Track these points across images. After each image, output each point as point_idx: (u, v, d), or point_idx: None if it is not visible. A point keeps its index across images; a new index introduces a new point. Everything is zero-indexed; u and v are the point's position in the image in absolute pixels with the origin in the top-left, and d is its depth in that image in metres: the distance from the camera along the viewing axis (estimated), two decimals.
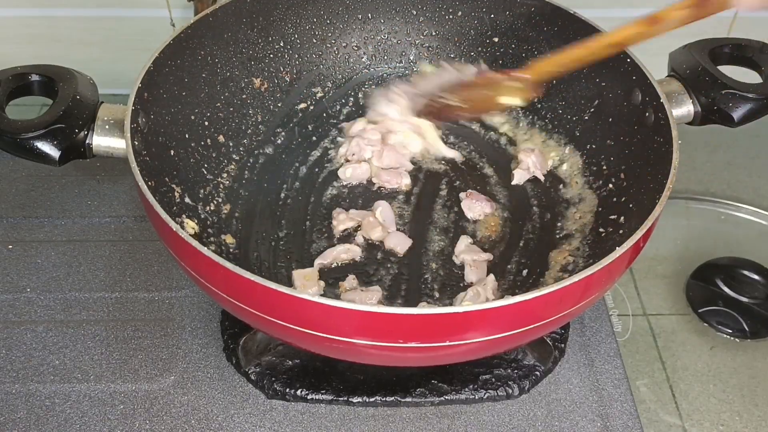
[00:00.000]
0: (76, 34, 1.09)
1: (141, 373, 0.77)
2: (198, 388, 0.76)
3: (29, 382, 0.76)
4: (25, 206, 0.94)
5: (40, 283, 0.86)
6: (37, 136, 0.66)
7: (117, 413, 0.74)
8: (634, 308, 0.91)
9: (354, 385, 0.75)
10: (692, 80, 0.76)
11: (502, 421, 0.75)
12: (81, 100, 0.69)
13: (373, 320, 0.56)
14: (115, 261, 0.88)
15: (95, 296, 0.84)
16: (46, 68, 0.71)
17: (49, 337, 0.80)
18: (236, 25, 0.85)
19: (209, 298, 0.67)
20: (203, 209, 0.79)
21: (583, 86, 0.85)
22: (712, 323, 0.89)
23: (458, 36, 0.93)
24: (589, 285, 0.60)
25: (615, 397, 0.77)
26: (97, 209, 0.94)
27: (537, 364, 0.77)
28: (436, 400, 0.75)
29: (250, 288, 0.57)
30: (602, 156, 0.83)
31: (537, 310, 0.59)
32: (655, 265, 0.96)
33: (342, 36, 0.93)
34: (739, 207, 1.02)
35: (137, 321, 0.82)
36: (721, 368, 0.86)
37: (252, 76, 0.88)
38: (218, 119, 0.85)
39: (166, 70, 0.76)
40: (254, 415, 0.74)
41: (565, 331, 0.81)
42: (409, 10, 0.93)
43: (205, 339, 0.80)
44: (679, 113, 0.75)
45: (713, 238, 0.99)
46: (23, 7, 1.06)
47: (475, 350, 0.63)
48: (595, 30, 0.81)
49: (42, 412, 0.74)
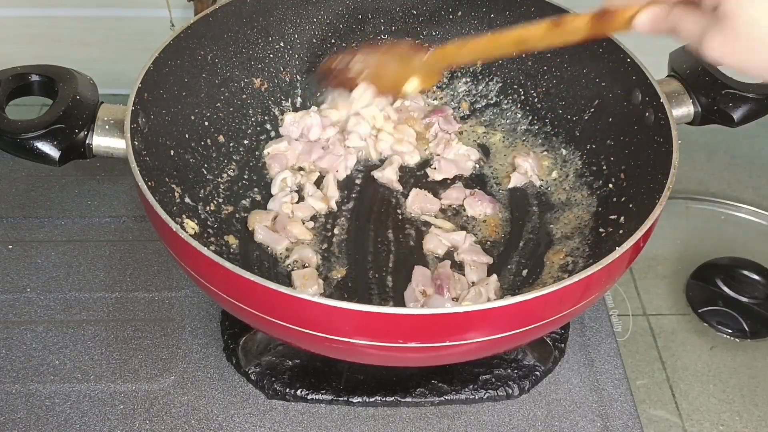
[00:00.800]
0: (76, 34, 1.09)
1: (141, 373, 0.77)
2: (198, 388, 0.76)
3: (29, 382, 0.76)
4: (25, 206, 0.94)
5: (40, 283, 0.86)
6: (37, 137, 0.66)
7: (117, 413, 0.74)
8: (634, 308, 0.91)
9: (354, 385, 0.75)
10: (692, 80, 0.76)
11: (502, 421, 0.75)
12: (81, 100, 0.69)
13: (372, 320, 0.56)
14: (115, 261, 0.88)
15: (95, 296, 0.84)
16: (46, 68, 0.71)
17: (49, 337, 0.80)
18: (236, 25, 0.85)
19: (209, 298, 0.67)
20: (203, 209, 0.79)
21: (583, 86, 0.85)
22: (712, 323, 0.89)
23: (458, 36, 0.93)
24: (589, 285, 0.60)
25: (615, 397, 0.77)
26: (97, 209, 0.94)
27: (537, 364, 0.77)
28: (436, 400, 0.75)
29: (250, 288, 0.57)
30: (602, 156, 0.83)
31: (537, 310, 0.59)
32: (655, 265, 0.96)
33: (342, 36, 0.93)
34: (739, 207, 1.02)
35: (137, 321, 0.82)
36: (721, 368, 0.86)
37: (252, 76, 0.88)
38: (218, 119, 0.85)
39: (166, 70, 0.76)
40: (254, 415, 0.74)
41: (565, 331, 0.81)
42: (409, 10, 0.93)
43: (205, 339, 0.80)
44: (679, 113, 0.75)
45: (713, 238, 0.99)
46: (23, 7, 1.06)
47: (475, 350, 0.63)
48: None
49: (42, 412, 0.74)
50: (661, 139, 0.71)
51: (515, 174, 0.86)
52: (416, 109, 0.93)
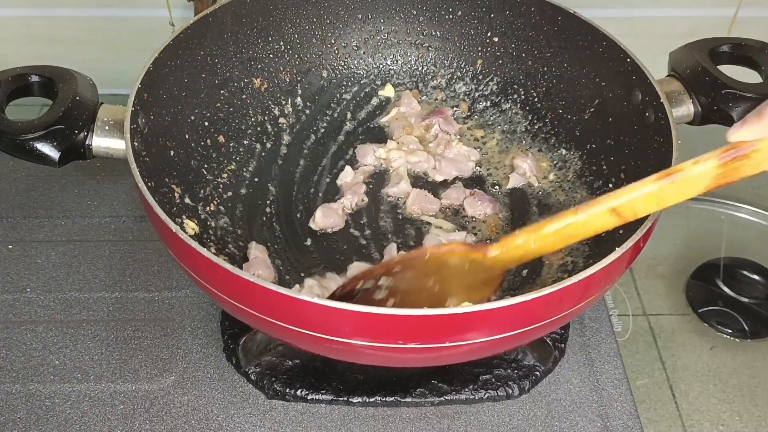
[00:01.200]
0: (75, 35, 1.09)
1: (141, 373, 0.77)
2: (198, 388, 0.76)
3: (29, 383, 0.76)
4: (25, 206, 0.94)
5: (40, 283, 0.86)
6: (36, 137, 0.66)
7: (117, 413, 0.74)
8: (634, 308, 0.91)
9: (354, 386, 0.75)
10: (692, 80, 0.76)
11: (502, 422, 0.75)
12: (81, 101, 0.69)
13: (372, 321, 0.56)
14: (115, 261, 0.88)
15: (95, 296, 0.84)
16: (45, 69, 0.71)
17: (49, 337, 0.80)
18: (236, 25, 0.85)
19: (209, 298, 0.67)
20: (203, 210, 0.79)
21: (583, 86, 0.85)
22: (712, 323, 0.89)
23: (458, 36, 0.93)
24: (589, 285, 0.60)
25: (615, 397, 0.77)
26: (97, 209, 0.94)
27: (537, 365, 0.77)
28: (436, 400, 0.75)
29: (250, 289, 0.57)
30: (602, 156, 0.82)
31: (537, 310, 0.59)
32: (655, 265, 0.96)
33: (342, 36, 0.93)
34: (739, 207, 1.02)
35: (137, 321, 0.82)
36: (721, 368, 0.86)
37: (252, 76, 0.88)
38: (218, 119, 0.85)
39: (166, 70, 0.76)
40: (254, 415, 0.74)
41: (565, 331, 0.81)
42: (409, 9, 0.93)
43: (205, 339, 0.80)
44: (679, 113, 0.75)
45: (713, 238, 0.99)
46: (23, 7, 1.06)
47: (476, 351, 0.63)
48: (595, 29, 0.81)
49: (42, 412, 0.74)
50: (661, 139, 0.71)
51: (514, 175, 0.86)
52: (412, 114, 0.92)
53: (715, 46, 0.78)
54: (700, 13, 1.07)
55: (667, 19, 1.08)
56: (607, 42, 0.80)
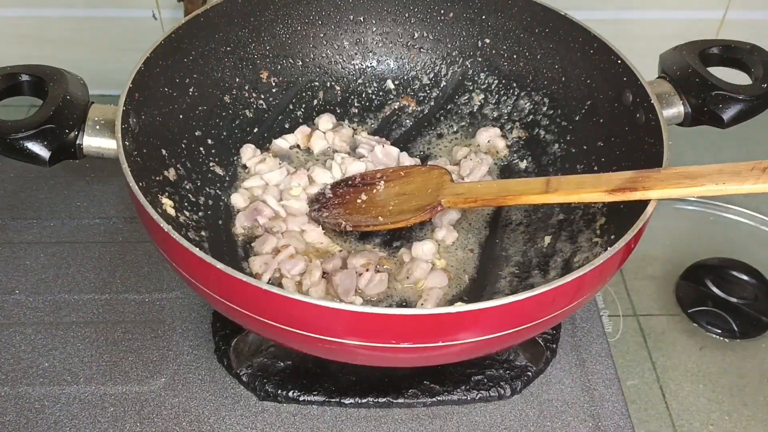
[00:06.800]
0: (65, 34, 1.08)
1: (131, 375, 0.77)
2: (189, 390, 0.76)
3: (18, 385, 0.76)
4: (14, 207, 0.93)
5: (29, 285, 0.85)
6: (26, 137, 0.66)
7: (107, 415, 0.74)
8: (624, 309, 0.91)
9: (346, 387, 0.75)
10: (682, 81, 0.76)
11: (494, 422, 0.75)
12: (71, 101, 0.68)
13: (365, 321, 0.56)
14: (105, 262, 0.88)
15: (85, 298, 0.84)
16: (35, 68, 0.71)
17: (39, 339, 0.80)
18: (227, 25, 0.85)
19: (200, 299, 0.67)
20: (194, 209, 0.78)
21: (574, 87, 0.85)
22: (702, 323, 0.90)
23: (450, 37, 0.93)
24: (581, 285, 0.60)
25: (606, 397, 0.77)
26: (86, 210, 0.94)
27: (529, 365, 0.77)
28: (428, 401, 0.75)
29: (242, 288, 0.57)
30: (593, 156, 0.83)
31: (529, 310, 0.59)
32: (645, 265, 0.96)
33: (333, 38, 0.93)
34: (728, 208, 1.03)
35: (127, 323, 0.82)
36: (710, 368, 0.86)
37: (243, 76, 0.88)
38: (209, 120, 0.84)
39: (157, 70, 0.76)
40: (246, 416, 0.74)
41: (557, 331, 0.81)
42: (400, 11, 0.93)
43: (196, 341, 0.80)
44: (670, 114, 0.75)
45: (702, 239, 1.00)
46: (12, 7, 1.06)
47: (468, 350, 0.63)
48: (586, 31, 0.81)
49: (32, 415, 0.74)
50: (651, 140, 0.72)
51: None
52: None
53: (704, 48, 0.79)
54: (690, 15, 1.08)
55: (657, 21, 1.09)
56: (598, 44, 0.80)
